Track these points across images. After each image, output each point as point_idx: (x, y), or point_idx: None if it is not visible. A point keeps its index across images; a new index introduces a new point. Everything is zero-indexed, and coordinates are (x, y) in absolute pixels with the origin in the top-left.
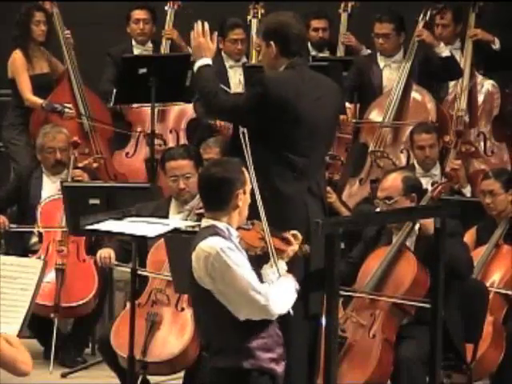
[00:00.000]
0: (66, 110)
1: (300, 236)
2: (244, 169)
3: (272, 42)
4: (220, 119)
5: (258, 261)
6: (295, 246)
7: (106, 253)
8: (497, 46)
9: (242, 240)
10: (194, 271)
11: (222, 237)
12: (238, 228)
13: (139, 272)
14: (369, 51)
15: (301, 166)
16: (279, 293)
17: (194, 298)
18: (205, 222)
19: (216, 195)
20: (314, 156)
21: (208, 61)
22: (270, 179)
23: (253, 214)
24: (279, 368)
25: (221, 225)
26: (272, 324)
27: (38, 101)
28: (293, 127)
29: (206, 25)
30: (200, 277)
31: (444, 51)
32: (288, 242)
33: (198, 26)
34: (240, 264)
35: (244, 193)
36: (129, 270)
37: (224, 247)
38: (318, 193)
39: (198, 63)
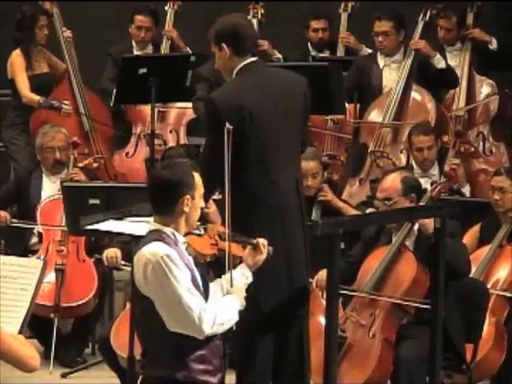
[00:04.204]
0: (64, 106)
1: (266, 244)
2: (195, 173)
3: (224, 44)
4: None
5: (217, 265)
6: (264, 255)
7: (113, 252)
8: (494, 45)
9: (189, 246)
10: (134, 275)
11: (165, 243)
12: (188, 233)
13: None
14: (369, 51)
15: (272, 165)
16: (218, 313)
17: (133, 302)
18: (152, 226)
19: (161, 198)
20: (285, 150)
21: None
22: (244, 187)
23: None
24: (214, 379)
25: (167, 230)
26: (213, 336)
27: (36, 97)
28: (256, 128)
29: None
30: (138, 281)
31: (440, 63)
32: (255, 247)
33: None
34: (178, 277)
35: (192, 198)
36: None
37: (165, 256)
38: (292, 189)
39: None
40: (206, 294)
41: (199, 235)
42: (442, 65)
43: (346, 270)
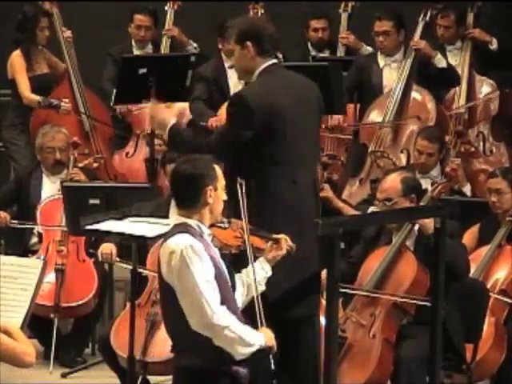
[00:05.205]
0: (62, 104)
1: (289, 241)
2: (215, 165)
3: (248, 43)
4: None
5: (239, 258)
6: (283, 251)
7: (108, 248)
8: (494, 46)
9: (215, 238)
10: (160, 267)
11: (191, 234)
12: (213, 226)
13: (139, 271)
14: (369, 49)
15: (294, 165)
16: (236, 329)
17: (162, 295)
18: (177, 220)
19: (185, 192)
20: (305, 152)
21: None
22: (266, 186)
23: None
24: (242, 368)
25: (191, 222)
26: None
27: (36, 98)
28: (282, 132)
29: None
30: (164, 273)
31: (441, 62)
32: (277, 243)
33: None
34: (199, 269)
35: (215, 189)
36: (128, 266)
37: (189, 246)
38: (310, 190)
39: None
40: (232, 284)
41: (224, 228)
42: (443, 64)
43: (348, 270)
